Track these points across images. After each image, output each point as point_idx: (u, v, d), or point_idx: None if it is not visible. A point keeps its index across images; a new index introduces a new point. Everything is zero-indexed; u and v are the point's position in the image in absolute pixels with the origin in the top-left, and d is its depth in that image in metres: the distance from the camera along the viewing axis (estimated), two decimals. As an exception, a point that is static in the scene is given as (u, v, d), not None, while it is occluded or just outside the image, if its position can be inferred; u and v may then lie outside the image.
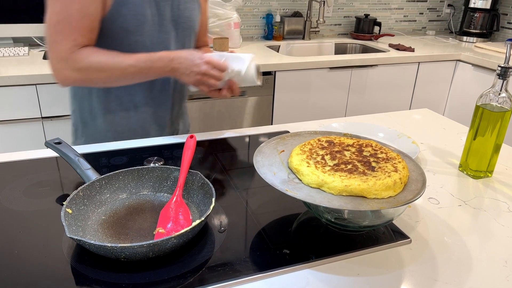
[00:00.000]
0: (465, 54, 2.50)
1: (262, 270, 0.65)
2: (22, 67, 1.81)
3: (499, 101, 0.92)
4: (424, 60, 2.47)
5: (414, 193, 0.69)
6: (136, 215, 0.76)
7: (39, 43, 2.19)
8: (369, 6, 2.95)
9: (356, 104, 2.43)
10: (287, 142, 0.86)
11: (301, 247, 0.71)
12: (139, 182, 0.82)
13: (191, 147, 0.84)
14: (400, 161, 0.76)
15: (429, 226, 0.80)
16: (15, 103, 1.75)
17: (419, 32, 3.20)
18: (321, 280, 0.65)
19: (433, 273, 0.68)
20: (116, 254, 0.62)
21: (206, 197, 0.77)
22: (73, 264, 0.65)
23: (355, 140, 0.84)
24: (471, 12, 2.90)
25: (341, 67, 2.29)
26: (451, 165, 1.04)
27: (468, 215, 0.84)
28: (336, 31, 2.95)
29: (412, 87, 2.54)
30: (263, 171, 0.73)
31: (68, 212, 0.69)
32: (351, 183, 0.68)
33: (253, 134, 1.18)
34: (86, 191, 0.75)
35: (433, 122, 1.33)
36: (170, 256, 0.67)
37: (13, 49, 2.00)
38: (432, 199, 0.89)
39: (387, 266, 0.69)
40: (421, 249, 0.73)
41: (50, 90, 1.78)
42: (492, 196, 0.91)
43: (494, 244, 0.76)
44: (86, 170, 0.80)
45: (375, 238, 0.74)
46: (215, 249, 0.70)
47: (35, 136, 1.84)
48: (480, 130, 0.95)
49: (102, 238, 0.70)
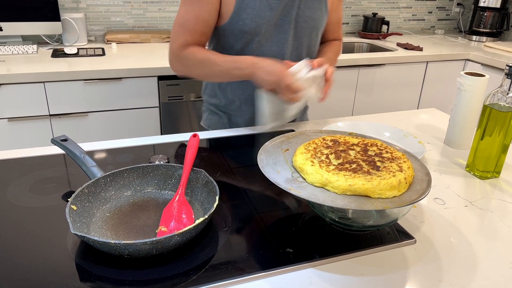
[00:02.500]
0: (474, 54, 2.48)
1: (265, 269, 0.65)
2: (31, 65, 1.82)
3: (507, 101, 0.91)
4: (433, 59, 2.45)
5: (419, 193, 0.69)
6: (140, 213, 0.77)
7: (47, 41, 2.21)
8: (377, 5, 2.93)
9: (363, 103, 2.42)
10: (292, 141, 0.86)
11: (305, 246, 0.71)
12: (144, 179, 0.83)
13: (194, 146, 0.85)
14: (405, 160, 0.75)
15: (434, 226, 0.79)
16: (24, 101, 1.77)
17: (427, 31, 3.17)
18: (325, 279, 0.65)
19: (438, 273, 0.67)
20: (120, 251, 0.62)
21: (210, 195, 0.77)
22: (77, 260, 0.66)
23: (360, 140, 0.84)
24: (480, 11, 2.87)
25: (349, 66, 2.27)
26: (458, 165, 1.03)
27: (474, 216, 0.83)
28: (344, 30, 2.93)
29: (420, 87, 2.52)
30: (267, 169, 0.73)
31: (73, 209, 0.69)
32: (355, 183, 0.67)
33: (258, 133, 1.18)
34: (91, 188, 0.76)
35: (440, 122, 1.32)
36: (174, 254, 0.67)
37: (22, 47, 2.02)
38: (438, 199, 0.88)
39: (391, 266, 0.68)
40: (425, 250, 0.72)
41: (58, 88, 1.79)
42: (499, 197, 0.90)
43: (500, 245, 0.75)
44: (91, 167, 0.81)
45: (379, 238, 0.74)
46: (218, 247, 0.70)
47: (43, 134, 1.85)
48: (488, 130, 0.94)
49: (106, 235, 0.70)
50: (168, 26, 2.46)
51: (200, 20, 1.09)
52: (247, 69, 1.07)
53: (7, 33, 2.04)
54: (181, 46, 1.11)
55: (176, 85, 1.96)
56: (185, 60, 1.12)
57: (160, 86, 1.94)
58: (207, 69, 1.12)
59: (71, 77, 1.79)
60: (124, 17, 2.37)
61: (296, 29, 1.16)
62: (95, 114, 1.90)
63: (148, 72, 1.89)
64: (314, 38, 1.21)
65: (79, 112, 1.87)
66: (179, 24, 1.11)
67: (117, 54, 2.07)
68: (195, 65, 1.12)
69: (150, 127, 2.01)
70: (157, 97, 1.96)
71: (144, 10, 2.38)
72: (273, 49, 1.15)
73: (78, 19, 2.18)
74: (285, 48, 1.16)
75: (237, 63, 1.08)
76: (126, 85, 1.89)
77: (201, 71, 1.13)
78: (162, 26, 2.46)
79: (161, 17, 2.43)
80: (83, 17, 2.20)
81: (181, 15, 1.11)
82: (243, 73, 1.08)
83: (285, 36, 1.15)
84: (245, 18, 1.08)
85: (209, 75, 1.16)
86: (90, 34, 2.35)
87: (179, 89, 1.98)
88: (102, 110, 1.90)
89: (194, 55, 1.11)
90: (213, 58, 1.10)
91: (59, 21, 2.10)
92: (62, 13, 2.17)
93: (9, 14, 2.00)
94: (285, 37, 1.15)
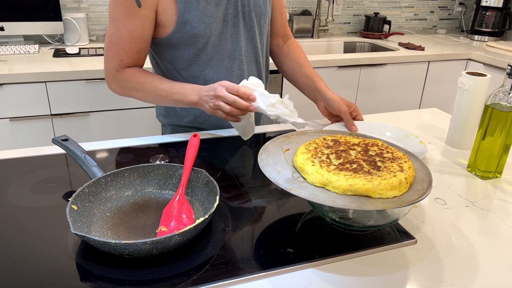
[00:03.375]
0: (476, 53, 2.47)
1: (266, 269, 0.65)
2: (32, 64, 1.83)
3: (509, 101, 0.91)
4: (434, 59, 2.44)
5: (420, 193, 0.69)
6: (140, 212, 0.77)
7: (49, 41, 2.21)
8: (379, 4, 2.93)
9: (365, 103, 2.41)
10: (293, 141, 0.86)
11: (305, 246, 0.71)
12: (144, 179, 0.83)
13: (194, 146, 0.84)
14: (406, 161, 0.75)
15: (435, 226, 0.79)
16: (25, 100, 1.77)
17: (429, 30, 3.17)
18: (325, 279, 0.65)
19: (438, 274, 0.67)
20: (120, 250, 0.62)
21: (211, 195, 0.77)
22: (77, 260, 0.66)
23: (361, 140, 0.84)
24: (482, 10, 2.86)
25: (350, 66, 2.27)
26: (459, 166, 1.03)
27: (476, 216, 0.83)
28: (345, 29, 2.93)
29: (422, 87, 2.52)
30: (267, 169, 0.73)
31: (74, 209, 0.69)
32: (355, 183, 0.67)
33: (259, 132, 1.17)
34: (91, 188, 0.76)
35: (442, 122, 1.31)
36: (174, 254, 0.67)
37: (24, 47, 2.02)
38: (439, 199, 0.88)
39: (391, 266, 0.68)
40: (426, 250, 0.72)
41: (60, 87, 1.80)
42: (501, 197, 0.90)
43: (501, 245, 0.74)
44: (92, 167, 0.81)
45: (380, 238, 0.74)
46: (218, 247, 0.70)
47: (44, 133, 1.86)
48: (489, 130, 0.94)
49: (106, 235, 0.70)
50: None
51: (134, 36, 1.02)
52: (191, 95, 1.02)
53: (9, 33, 2.05)
54: (118, 67, 1.05)
55: (177, 84, 1.96)
56: (124, 82, 1.06)
57: (162, 86, 1.94)
58: (150, 93, 1.06)
59: (73, 77, 1.79)
60: (126, 17, 2.37)
61: (244, 20, 1.12)
62: (96, 114, 1.90)
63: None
64: (263, 25, 1.17)
65: (81, 112, 1.87)
66: (111, 41, 1.03)
67: (118, 54, 2.07)
68: (135, 89, 1.06)
69: (151, 127, 2.02)
70: (158, 97, 1.96)
71: (146, 10, 2.38)
72: (228, 46, 1.11)
73: (79, 19, 2.18)
74: (240, 42, 1.12)
75: (181, 89, 1.03)
76: (127, 85, 1.89)
77: (142, 94, 1.07)
78: (163, 26, 2.45)
79: (162, 17, 2.43)
80: (84, 17, 2.20)
81: (112, 32, 1.02)
82: (188, 100, 1.03)
83: (236, 30, 1.11)
84: (192, 21, 1.02)
85: (151, 100, 1.09)
86: (91, 34, 2.35)
87: (181, 89, 1.98)
88: (103, 110, 1.91)
89: (134, 77, 1.05)
90: (157, 81, 1.05)
91: (61, 21, 2.10)
92: (64, 13, 2.18)
93: (11, 14, 2.01)
94: (237, 30, 1.11)
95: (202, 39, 1.06)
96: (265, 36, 1.21)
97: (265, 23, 1.18)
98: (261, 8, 1.14)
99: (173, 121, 1.23)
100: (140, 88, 1.06)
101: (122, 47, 1.03)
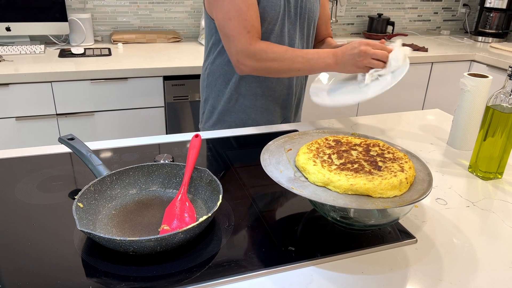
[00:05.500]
0: (480, 55, 2.47)
1: (267, 267, 0.66)
2: (38, 65, 1.85)
3: (510, 102, 0.91)
4: (438, 60, 2.44)
5: (420, 193, 0.70)
6: (145, 210, 0.78)
7: (55, 41, 2.23)
8: (383, 5, 2.93)
9: (368, 103, 2.42)
10: (295, 141, 0.87)
11: (307, 245, 0.72)
12: (149, 178, 0.84)
13: (196, 146, 0.86)
14: (407, 161, 0.76)
15: (436, 226, 0.80)
16: (31, 100, 1.79)
17: (433, 32, 3.17)
18: (326, 277, 0.66)
19: (438, 273, 0.68)
20: (125, 247, 0.63)
21: (214, 193, 0.78)
22: (83, 257, 0.67)
23: (363, 140, 0.85)
24: (486, 11, 2.86)
25: (353, 67, 2.27)
26: (460, 166, 1.04)
27: (476, 216, 0.83)
28: (349, 30, 2.94)
29: (425, 88, 2.52)
30: (269, 169, 0.74)
31: (80, 206, 0.71)
32: (356, 182, 0.68)
33: (262, 132, 1.19)
34: (97, 186, 0.77)
35: (444, 123, 1.32)
36: (178, 251, 0.68)
37: (30, 47, 2.04)
38: (439, 199, 0.89)
39: (392, 265, 0.69)
40: (427, 249, 0.73)
41: (65, 87, 1.82)
42: (502, 198, 0.90)
43: (502, 245, 0.75)
44: (98, 166, 0.82)
45: (380, 237, 0.75)
46: (221, 245, 0.71)
47: (50, 132, 1.88)
48: (490, 131, 0.94)
49: (111, 232, 0.72)
50: (174, 27, 2.48)
51: (249, 4, 1.06)
52: (327, 58, 1.06)
53: (15, 33, 2.07)
54: (249, 40, 1.07)
55: (181, 85, 1.98)
56: (261, 54, 1.07)
57: (166, 86, 1.96)
58: (286, 62, 1.07)
59: (78, 77, 1.81)
60: (131, 18, 2.39)
61: (300, 20, 1.20)
62: (101, 113, 1.92)
63: (153, 72, 1.91)
64: (312, 30, 1.26)
65: (86, 112, 1.89)
66: (231, 18, 1.06)
67: (123, 54, 2.09)
68: (272, 59, 1.07)
69: (156, 126, 2.03)
70: (162, 97, 1.98)
71: (150, 10, 2.40)
72: (286, 39, 1.18)
73: (85, 20, 2.20)
74: (295, 39, 1.20)
75: (315, 55, 1.08)
76: (132, 85, 1.91)
77: (278, 64, 1.08)
78: (167, 26, 2.47)
79: (167, 17, 2.45)
80: (90, 17, 2.23)
81: (227, 10, 1.05)
82: (325, 63, 1.07)
83: (293, 27, 1.19)
84: (265, 6, 1.10)
85: (286, 69, 1.09)
86: (96, 34, 2.37)
87: (184, 89, 1.99)
88: (108, 110, 1.92)
89: (269, 47, 1.08)
90: (292, 50, 1.08)
91: (66, 21, 2.12)
92: (69, 13, 2.20)
93: (17, 14, 2.03)
94: (294, 28, 1.19)
95: (268, 25, 1.13)
96: (311, 39, 1.29)
97: (314, 28, 1.27)
98: (314, 13, 1.23)
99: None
100: (277, 57, 1.07)
101: (244, 17, 1.05)
